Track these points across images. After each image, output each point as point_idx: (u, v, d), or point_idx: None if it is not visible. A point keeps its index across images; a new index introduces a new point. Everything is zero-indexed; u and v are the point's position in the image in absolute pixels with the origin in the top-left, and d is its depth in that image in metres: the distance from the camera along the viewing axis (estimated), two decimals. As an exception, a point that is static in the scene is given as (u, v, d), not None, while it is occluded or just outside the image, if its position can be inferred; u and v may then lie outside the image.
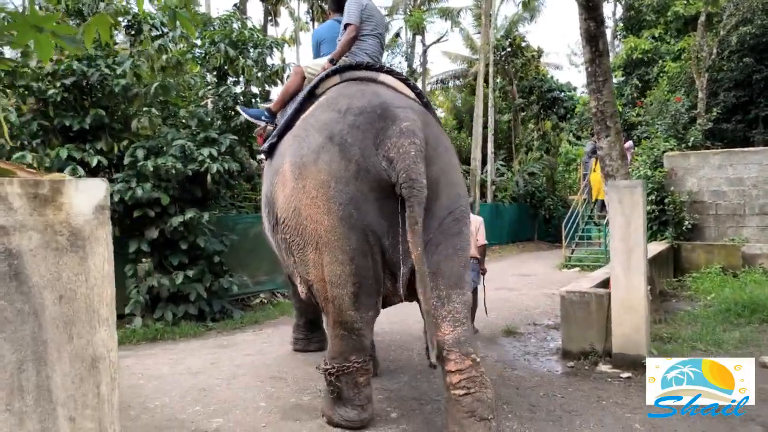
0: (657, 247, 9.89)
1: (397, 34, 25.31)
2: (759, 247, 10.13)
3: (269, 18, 25.23)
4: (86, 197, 1.64)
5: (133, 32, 7.83)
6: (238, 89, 8.54)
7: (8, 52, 6.64)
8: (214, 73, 8.63)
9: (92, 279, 1.63)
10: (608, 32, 23.56)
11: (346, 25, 4.70)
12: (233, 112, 8.37)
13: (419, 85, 27.92)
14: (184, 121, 8.14)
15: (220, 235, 8.57)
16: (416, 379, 5.27)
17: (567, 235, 14.47)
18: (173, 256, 7.89)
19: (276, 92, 10.41)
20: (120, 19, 7.47)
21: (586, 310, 5.94)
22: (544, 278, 12.28)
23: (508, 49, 22.58)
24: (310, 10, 24.96)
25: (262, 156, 5.22)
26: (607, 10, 18.28)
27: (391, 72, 4.67)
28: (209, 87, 8.56)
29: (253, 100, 8.45)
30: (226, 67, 8.16)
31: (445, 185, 3.98)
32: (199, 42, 8.24)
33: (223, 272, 8.47)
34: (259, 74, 7.95)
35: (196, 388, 5.03)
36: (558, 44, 73.20)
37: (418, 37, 24.60)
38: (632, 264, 5.44)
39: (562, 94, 22.77)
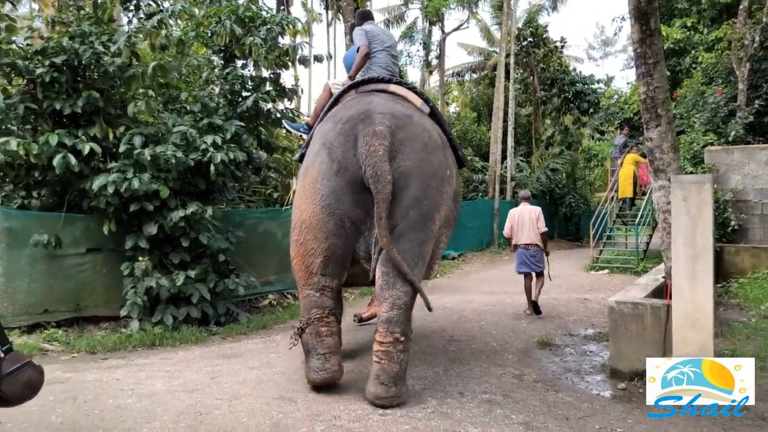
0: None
1: (413, 24, 24.46)
2: (812, 251, 9.28)
3: (281, 7, 24.50)
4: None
5: (131, 7, 7.12)
6: (246, 72, 7.83)
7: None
8: (220, 54, 7.91)
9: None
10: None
11: (358, 48, 5.67)
12: (240, 97, 7.65)
13: (436, 76, 27.13)
14: (186, 106, 7.42)
15: (226, 232, 7.87)
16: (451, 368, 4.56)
17: (595, 234, 13.64)
18: (174, 254, 7.20)
19: (290, 74, 9.71)
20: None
21: (639, 324, 5.18)
22: (571, 280, 11.49)
23: (530, 39, 21.64)
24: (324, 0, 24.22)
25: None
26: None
27: (400, 83, 5.49)
28: (215, 69, 7.83)
29: (262, 84, 7.72)
30: (232, 47, 7.43)
31: (416, 179, 4.63)
32: (202, 16, 7.51)
33: (229, 272, 7.78)
34: (268, 55, 7.21)
35: (192, 411, 4.33)
36: (576, 38, 71.98)
37: (435, 27, 23.76)
38: (698, 273, 4.66)
39: (585, 87, 21.82)
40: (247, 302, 8.81)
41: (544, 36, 21.83)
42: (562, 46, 22.42)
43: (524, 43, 21.72)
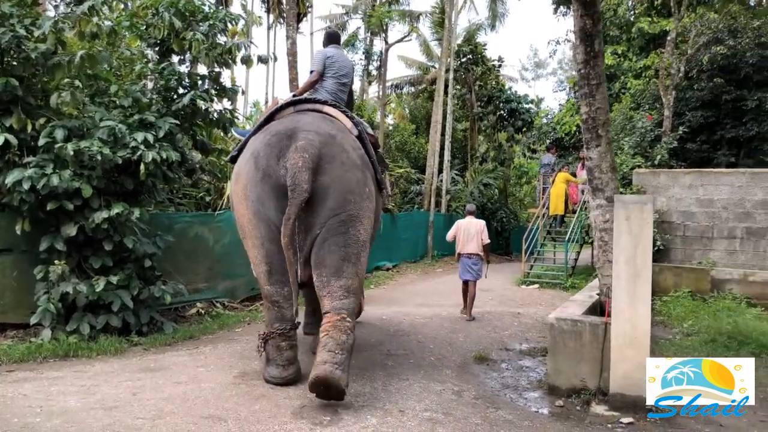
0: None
1: (355, 33, 24.40)
2: (729, 272, 9.77)
3: (219, 7, 23.84)
4: None
5: (59, -9, 6.61)
6: (183, 68, 7.40)
7: None
8: (156, 48, 7.46)
9: None
10: (568, 47, 23.53)
11: (312, 71, 6.28)
12: (176, 94, 7.22)
13: (375, 87, 27.16)
14: (115, 100, 6.92)
15: (154, 236, 7.40)
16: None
17: (527, 249, 13.91)
18: (94, 258, 6.68)
19: (227, 74, 9.34)
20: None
21: (578, 341, 5.21)
22: (504, 294, 11.63)
23: (469, 56, 22.03)
24: (266, 1, 23.77)
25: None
26: (571, 23, 18.01)
27: (335, 106, 6.00)
28: (149, 63, 7.36)
29: (200, 82, 7.32)
30: (170, 41, 7.01)
31: (334, 192, 5.06)
32: (138, 7, 7.03)
33: (155, 278, 7.29)
34: (210, 52, 6.84)
35: (110, 431, 3.95)
36: (511, 58, 74.33)
37: (378, 38, 23.79)
38: (638, 291, 4.73)
39: (520, 105, 22.41)
40: (173, 311, 8.31)
41: (483, 54, 22.29)
42: (500, 65, 22.97)
43: (463, 59, 22.09)
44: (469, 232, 8.79)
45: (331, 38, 6.64)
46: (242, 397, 4.79)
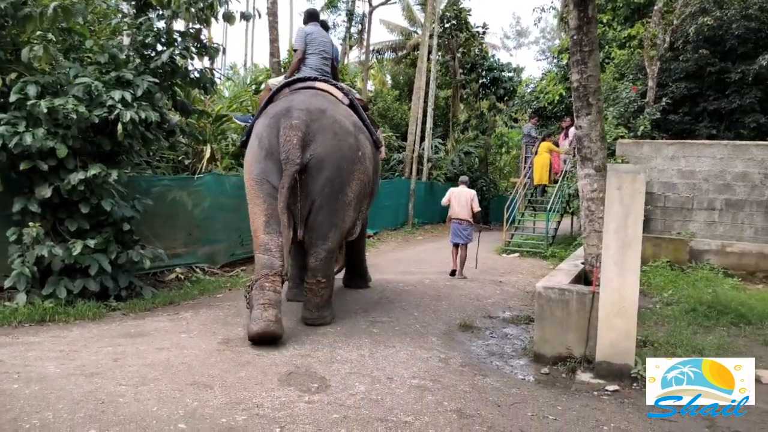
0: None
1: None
2: (707, 243, 9.92)
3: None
4: None
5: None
6: (162, 24, 7.05)
7: None
8: (133, 2, 7.09)
9: None
10: (552, 15, 23.30)
11: (295, 50, 7.01)
12: (154, 51, 6.89)
13: (357, 52, 26.64)
14: (91, 56, 6.59)
15: (132, 199, 7.17)
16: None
17: (507, 219, 13.94)
18: (70, 221, 6.45)
19: (207, 32, 9.00)
20: None
21: (565, 309, 5.21)
22: (485, 263, 11.64)
23: (453, 22, 21.65)
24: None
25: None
26: (556, -9, 17.77)
27: (325, 80, 6.73)
28: (126, 18, 6.99)
29: (179, 39, 6.99)
30: (148, -6, 6.67)
31: (329, 162, 5.86)
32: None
33: (133, 242, 7.09)
34: (190, 7, 6.51)
35: (92, 398, 3.84)
36: (493, 26, 73.51)
37: (360, 1, 23.21)
38: (627, 261, 4.73)
39: (503, 74, 22.21)
40: (151, 276, 8.15)
41: (467, 20, 21.93)
42: (484, 32, 22.64)
43: (447, 25, 21.71)
44: (460, 200, 9.58)
45: (311, 16, 7.23)
46: (227, 363, 4.70)
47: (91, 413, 3.60)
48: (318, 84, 6.55)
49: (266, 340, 5.16)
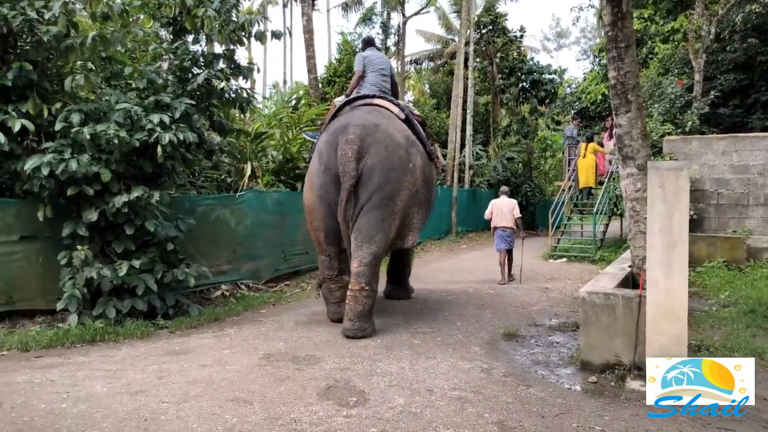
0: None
1: (372, 8, 23.95)
2: (765, 240, 9.43)
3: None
4: None
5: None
6: (198, 48, 7.25)
7: None
8: (169, 28, 7.31)
9: None
10: (592, 14, 22.78)
11: (355, 72, 7.48)
12: (190, 74, 7.08)
13: (395, 63, 26.79)
14: (131, 82, 6.83)
15: (175, 219, 7.36)
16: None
17: (553, 223, 13.63)
18: (117, 243, 6.66)
19: (243, 53, 9.18)
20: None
21: (611, 314, 5.01)
22: (531, 269, 11.41)
23: (490, 28, 21.47)
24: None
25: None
26: (594, -12, 17.35)
27: (383, 97, 7.18)
28: (163, 43, 7.21)
29: (214, 61, 7.16)
30: (182, 20, 6.85)
31: (379, 171, 6.18)
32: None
33: (178, 261, 7.27)
34: (222, 29, 6.66)
35: (136, 416, 3.91)
36: (532, 28, 72.63)
37: (395, 13, 23.31)
38: (674, 262, 4.51)
39: (543, 76, 21.85)
40: (198, 293, 8.32)
41: (503, 25, 21.71)
42: (521, 36, 22.37)
43: (484, 31, 21.56)
44: (503, 210, 10.13)
45: (367, 43, 7.82)
46: (267, 378, 4.72)
47: (133, 430, 3.66)
48: (376, 100, 7.00)
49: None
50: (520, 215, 10.29)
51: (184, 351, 5.68)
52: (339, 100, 7.54)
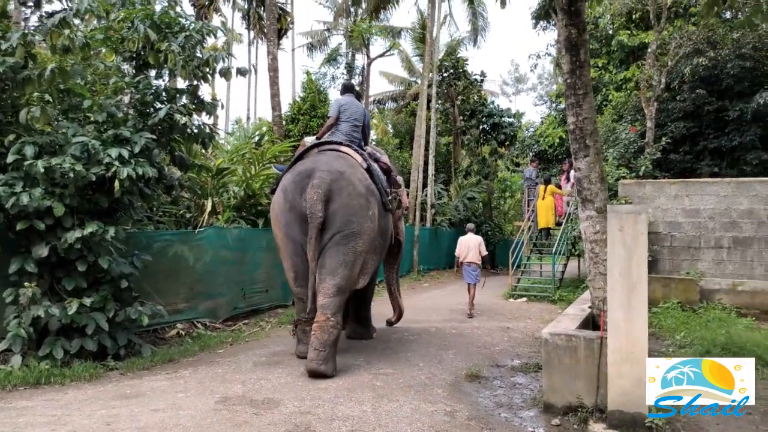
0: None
1: (337, 48, 24.32)
2: (717, 282, 9.72)
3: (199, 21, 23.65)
4: None
5: (30, 3, 6.34)
6: (161, 82, 7.16)
7: None
8: (132, 62, 7.22)
9: None
10: (548, 61, 23.67)
11: (328, 117, 7.74)
12: (152, 108, 6.98)
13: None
14: (89, 115, 6.66)
15: (130, 255, 7.12)
16: None
17: (514, 262, 13.78)
18: (68, 280, 6.39)
19: (206, 88, 9.11)
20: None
21: (573, 356, 5.03)
22: (492, 308, 11.46)
23: (451, 71, 22.04)
24: (246, 17, 23.63)
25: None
26: (551, 37, 18.09)
27: (349, 145, 7.41)
28: (125, 77, 7.09)
29: (177, 96, 7.08)
30: (145, 54, 6.77)
31: (341, 215, 6.53)
32: (113, 20, 6.77)
33: (132, 299, 7.00)
34: (186, 65, 6.61)
35: (79, 466, 3.67)
36: (492, 73, 74.81)
37: (360, 54, 23.73)
38: (634, 304, 4.57)
39: (502, 119, 22.42)
40: (151, 333, 8.01)
41: (465, 68, 22.31)
42: (482, 80, 22.99)
43: (446, 74, 22.10)
44: (469, 246, 10.94)
45: (346, 89, 7.97)
46: (224, 424, 4.52)
47: (77, 483, 3.43)
48: (342, 147, 7.27)
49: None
50: (486, 252, 11.10)
51: (135, 394, 5.42)
52: (310, 140, 7.75)
